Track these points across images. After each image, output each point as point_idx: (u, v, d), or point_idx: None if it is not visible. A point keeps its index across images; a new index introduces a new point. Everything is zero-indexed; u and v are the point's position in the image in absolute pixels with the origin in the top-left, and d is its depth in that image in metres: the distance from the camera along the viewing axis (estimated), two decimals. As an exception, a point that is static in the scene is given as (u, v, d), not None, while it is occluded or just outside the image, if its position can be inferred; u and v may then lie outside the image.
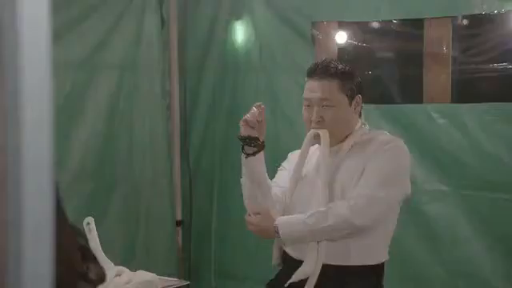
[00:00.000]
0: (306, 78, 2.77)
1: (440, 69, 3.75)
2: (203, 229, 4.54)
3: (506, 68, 3.63)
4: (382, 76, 4.18)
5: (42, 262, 0.73)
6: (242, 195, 4.28)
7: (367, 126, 2.79)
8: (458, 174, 3.63)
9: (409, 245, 3.68)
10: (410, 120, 3.70)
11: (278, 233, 2.67)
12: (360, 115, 2.81)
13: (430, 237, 3.71)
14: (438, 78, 3.76)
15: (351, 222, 2.54)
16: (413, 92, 3.97)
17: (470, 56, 3.75)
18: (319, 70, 2.72)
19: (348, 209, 2.54)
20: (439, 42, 3.72)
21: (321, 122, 2.68)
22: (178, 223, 4.57)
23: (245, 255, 4.22)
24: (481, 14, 3.61)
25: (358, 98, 2.75)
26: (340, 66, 2.76)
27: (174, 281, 3.26)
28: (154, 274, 3.10)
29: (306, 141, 2.76)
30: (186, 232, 4.60)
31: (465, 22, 3.66)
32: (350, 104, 2.72)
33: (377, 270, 2.72)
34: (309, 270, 2.60)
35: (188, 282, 3.33)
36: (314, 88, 2.70)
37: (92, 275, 1.46)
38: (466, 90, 3.89)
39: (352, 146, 2.72)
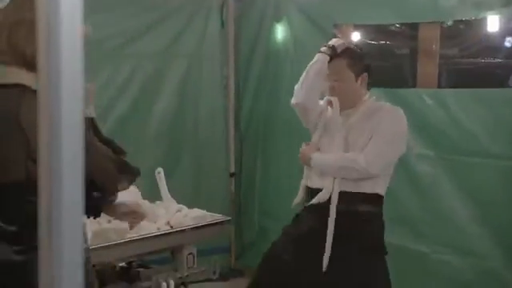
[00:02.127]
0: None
1: (430, 61, 3.81)
2: (250, 179, 4.77)
3: (481, 62, 3.83)
4: (385, 66, 4.31)
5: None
6: (279, 154, 4.48)
7: (373, 98, 2.92)
8: (441, 142, 3.73)
9: (401, 195, 3.78)
10: (406, 100, 3.75)
11: (311, 162, 2.85)
12: (368, 89, 2.91)
13: (418, 189, 3.79)
14: (428, 68, 3.83)
15: (367, 169, 2.72)
16: (408, 79, 4.08)
17: (453, 52, 3.89)
18: (332, 52, 2.85)
19: (364, 160, 2.71)
20: (430, 41, 3.81)
21: (332, 92, 2.85)
22: (232, 175, 4.81)
23: (280, 199, 4.26)
24: (462, 20, 3.79)
25: (365, 75, 2.86)
26: (350, 47, 2.89)
27: (219, 216, 3.40)
28: (205, 211, 3.32)
29: (322, 104, 2.94)
30: (237, 182, 4.83)
31: (450, 26, 3.78)
32: (357, 80, 2.84)
33: (381, 199, 2.87)
34: (326, 195, 2.77)
35: (229, 218, 3.43)
36: (329, 67, 2.85)
37: (125, 182, 1.78)
38: (450, 78, 4.01)
39: (362, 113, 2.82)
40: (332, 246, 2.77)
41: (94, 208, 1.90)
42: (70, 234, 0.73)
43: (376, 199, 2.87)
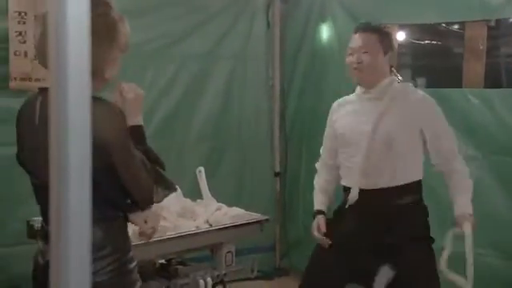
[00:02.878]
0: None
1: (476, 61, 3.78)
2: (295, 179, 4.75)
3: (528, 61, 3.75)
4: (431, 66, 4.26)
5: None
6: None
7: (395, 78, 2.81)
8: (487, 143, 3.69)
9: (447, 197, 3.44)
10: (452, 100, 3.74)
11: None
12: (392, 71, 2.81)
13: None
14: (474, 68, 3.79)
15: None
16: (454, 79, 4.02)
17: (500, 51, 3.83)
18: (361, 26, 2.82)
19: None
20: (476, 40, 3.77)
21: (360, 64, 2.72)
22: (276, 174, 4.84)
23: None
24: (509, 18, 3.76)
25: (391, 53, 2.78)
26: (379, 25, 2.86)
27: (257, 215, 3.38)
28: (243, 210, 3.32)
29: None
30: (282, 181, 4.85)
31: (497, 24, 3.74)
32: (385, 54, 2.72)
33: (418, 186, 2.79)
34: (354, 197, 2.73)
35: (267, 217, 3.39)
36: (356, 40, 2.77)
37: (161, 194, 1.78)
38: (496, 78, 3.95)
39: (391, 99, 2.70)
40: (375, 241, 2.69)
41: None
42: (78, 234, 0.74)
43: (412, 187, 2.77)
